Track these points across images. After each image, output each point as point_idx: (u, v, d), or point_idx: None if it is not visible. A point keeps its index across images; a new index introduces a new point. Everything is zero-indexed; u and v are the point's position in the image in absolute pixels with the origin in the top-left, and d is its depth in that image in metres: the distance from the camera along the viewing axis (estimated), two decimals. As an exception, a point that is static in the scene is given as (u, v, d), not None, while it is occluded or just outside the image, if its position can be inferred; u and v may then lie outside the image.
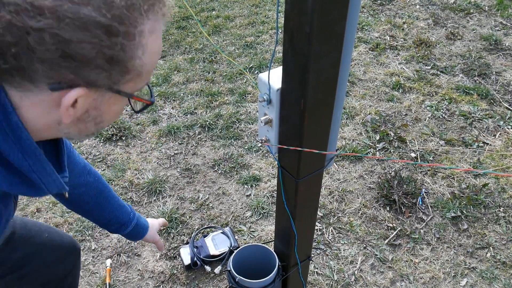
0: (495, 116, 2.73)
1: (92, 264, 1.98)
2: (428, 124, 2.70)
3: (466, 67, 3.17)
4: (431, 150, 2.50)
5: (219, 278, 1.91)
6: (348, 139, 2.60)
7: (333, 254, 1.99)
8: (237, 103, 2.92)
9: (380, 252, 1.98)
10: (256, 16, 4.04)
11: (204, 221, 2.15)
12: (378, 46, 3.45)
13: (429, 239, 2.04)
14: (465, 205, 2.16)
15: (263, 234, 2.08)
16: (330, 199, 2.24)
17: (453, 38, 3.52)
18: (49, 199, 2.28)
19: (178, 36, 3.75)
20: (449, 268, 1.91)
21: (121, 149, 2.60)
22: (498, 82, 3.02)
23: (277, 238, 1.21)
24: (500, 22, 3.71)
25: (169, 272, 1.93)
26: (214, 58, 3.45)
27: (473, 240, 2.02)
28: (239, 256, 1.25)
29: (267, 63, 3.30)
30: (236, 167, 2.44)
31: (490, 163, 2.41)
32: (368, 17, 3.88)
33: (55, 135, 0.65)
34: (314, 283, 1.87)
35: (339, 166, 2.44)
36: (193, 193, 2.31)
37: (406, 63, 3.26)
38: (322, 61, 0.76)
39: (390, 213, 2.16)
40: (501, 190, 2.24)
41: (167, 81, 3.18)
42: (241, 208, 2.21)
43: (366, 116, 2.77)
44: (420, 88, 2.99)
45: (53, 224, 2.15)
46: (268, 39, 3.65)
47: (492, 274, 1.88)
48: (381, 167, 2.41)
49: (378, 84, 3.06)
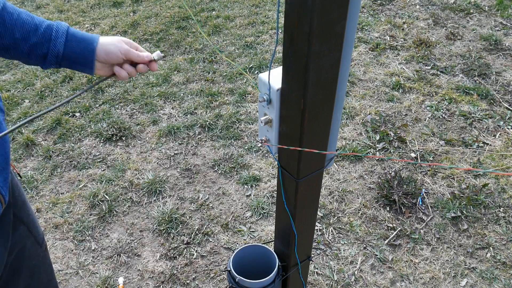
0: (495, 116, 2.72)
1: (92, 264, 1.98)
2: (428, 124, 2.70)
3: (466, 67, 3.17)
4: (431, 150, 2.50)
5: (219, 278, 1.91)
6: (348, 139, 2.60)
7: (333, 254, 1.99)
8: (237, 103, 2.92)
9: (380, 252, 1.98)
10: (256, 16, 4.04)
11: (204, 221, 2.15)
12: (378, 46, 3.45)
13: (429, 239, 2.04)
14: (465, 205, 2.16)
15: (263, 234, 2.08)
16: (330, 199, 2.24)
17: (453, 38, 3.52)
18: (49, 199, 2.29)
19: (178, 36, 3.75)
20: (449, 268, 1.91)
21: (121, 149, 2.60)
22: (498, 82, 3.02)
23: (277, 238, 1.21)
24: (500, 22, 3.71)
25: (169, 272, 1.93)
26: (214, 58, 3.44)
27: (473, 240, 2.02)
28: (239, 256, 1.25)
29: (267, 63, 3.30)
30: (236, 167, 2.44)
31: (490, 163, 2.41)
32: (368, 17, 3.88)
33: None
34: (314, 283, 1.87)
35: (339, 166, 2.44)
36: (193, 193, 2.31)
37: (406, 63, 3.26)
38: (322, 61, 0.76)
39: (390, 213, 2.16)
40: (501, 190, 2.24)
41: (167, 81, 3.18)
42: (241, 208, 2.21)
43: (366, 116, 2.77)
44: (420, 88, 2.99)
45: (53, 224, 2.15)
46: (268, 39, 3.65)
47: (492, 274, 1.88)
48: (381, 167, 2.41)
49: (378, 84, 3.06)
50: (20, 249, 0.92)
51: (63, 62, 0.88)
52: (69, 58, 0.88)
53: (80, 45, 0.88)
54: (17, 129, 2.77)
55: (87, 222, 2.16)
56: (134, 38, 3.77)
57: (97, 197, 2.28)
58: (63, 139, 2.70)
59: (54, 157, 2.57)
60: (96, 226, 2.14)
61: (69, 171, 2.47)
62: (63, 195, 2.32)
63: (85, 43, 0.88)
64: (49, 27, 0.86)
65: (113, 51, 0.89)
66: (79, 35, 0.88)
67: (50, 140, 2.70)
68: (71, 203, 2.27)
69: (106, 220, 2.17)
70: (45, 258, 1.06)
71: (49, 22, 0.87)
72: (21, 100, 3.05)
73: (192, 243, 2.05)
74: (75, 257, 2.01)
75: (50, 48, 0.85)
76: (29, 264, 0.98)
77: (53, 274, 1.12)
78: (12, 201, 0.87)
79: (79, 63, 0.89)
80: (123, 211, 2.22)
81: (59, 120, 2.83)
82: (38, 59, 0.87)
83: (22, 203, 0.92)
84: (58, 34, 0.86)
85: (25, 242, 0.94)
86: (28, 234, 0.95)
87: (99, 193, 2.30)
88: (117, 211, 2.21)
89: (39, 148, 2.63)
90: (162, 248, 2.03)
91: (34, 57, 0.86)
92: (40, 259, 1.02)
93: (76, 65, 0.89)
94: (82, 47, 0.88)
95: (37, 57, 0.86)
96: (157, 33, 3.83)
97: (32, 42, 0.84)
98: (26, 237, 0.94)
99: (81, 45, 0.88)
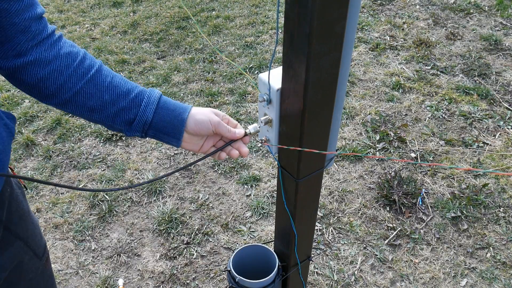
0: (495, 116, 2.72)
1: (92, 264, 1.98)
2: (428, 124, 2.70)
3: (466, 67, 3.17)
4: (431, 150, 2.50)
5: (219, 278, 1.91)
6: (348, 139, 2.60)
7: (333, 254, 1.99)
8: (237, 103, 2.92)
9: (380, 252, 1.98)
10: (256, 16, 4.04)
11: (204, 221, 2.15)
12: (378, 46, 3.45)
13: (429, 239, 2.03)
14: (465, 205, 2.16)
15: (263, 234, 2.07)
16: (330, 199, 2.24)
17: (453, 38, 3.52)
18: (49, 199, 2.29)
19: (178, 36, 3.75)
20: (449, 268, 1.91)
21: (121, 149, 2.60)
22: (498, 82, 3.02)
23: (277, 238, 1.21)
24: (500, 22, 3.71)
25: (169, 272, 1.93)
26: (214, 58, 3.44)
27: (473, 240, 2.02)
28: (239, 256, 1.25)
29: (267, 63, 3.30)
30: (236, 167, 2.44)
31: (490, 163, 2.41)
32: (368, 17, 3.88)
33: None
34: (314, 283, 1.87)
35: (339, 166, 2.44)
36: (193, 193, 2.31)
37: (406, 63, 3.26)
38: (322, 61, 0.75)
39: (390, 213, 2.16)
40: (501, 190, 2.24)
41: (167, 81, 3.18)
42: (241, 208, 2.21)
43: (366, 116, 2.77)
44: (420, 88, 2.99)
45: (53, 224, 2.15)
46: (268, 39, 3.65)
47: (492, 274, 1.88)
48: (381, 167, 2.41)
49: (378, 84, 3.06)
50: (16, 264, 0.90)
51: (149, 130, 0.83)
52: (157, 126, 0.83)
53: (171, 113, 0.83)
54: (17, 131, 2.77)
55: (87, 222, 2.16)
56: (134, 38, 3.78)
57: (97, 197, 2.28)
58: (63, 139, 2.70)
59: (54, 157, 2.57)
60: (96, 226, 2.14)
61: (69, 171, 2.47)
62: (63, 195, 2.32)
63: (176, 112, 0.83)
64: (141, 93, 0.82)
65: (203, 121, 0.84)
66: (171, 103, 0.84)
67: (50, 140, 2.70)
68: (71, 203, 2.27)
69: (106, 220, 2.17)
70: (45, 270, 1.04)
71: (142, 88, 0.84)
72: (21, 100, 3.05)
73: (192, 243, 2.05)
74: (75, 257, 2.01)
75: (138, 114, 0.81)
76: (27, 277, 0.96)
77: (54, 285, 1.11)
78: (6, 217, 0.85)
79: (166, 133, 0.84)
80: (123, 211, 2.22)
81: (59, 120, 2.83)
82: (123, 124, 0.82)
83: (19, 218, 0.90)
84: (150, 100, 0.82)
85: (23, 257, 0.92)
86: (26, 249, 0.93)
87: (99, 193, 2.29)
88: (117, 211, 2.21)
89: (39, 148, 2.63)
90: (162, 248, 2.03)
91: (119, 121, 0.82)
92: (39, 273, 0.99)
93: (162, 135, 0.84)
94: (172, 116, 0.83)
95: (123, 122, 0.82)
96: (157, 33, 3.83)
97: (120, 106, 0.81)
98: (23, 253, 0.92)
99: (172, 113, 0.83)
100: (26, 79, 0.77)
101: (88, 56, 0.82)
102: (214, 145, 0.90)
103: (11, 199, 0.86)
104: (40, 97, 0.80)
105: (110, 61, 3.44)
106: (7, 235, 0.86)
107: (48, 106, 2.94)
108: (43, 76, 0.77)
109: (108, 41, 3.75)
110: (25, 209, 0.93)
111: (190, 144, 0.87)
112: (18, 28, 0.72)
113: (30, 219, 0.95)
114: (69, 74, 0.78)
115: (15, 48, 0.73)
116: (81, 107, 0.81)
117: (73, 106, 0.81)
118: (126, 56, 3.50)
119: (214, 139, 0.90)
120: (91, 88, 0.80)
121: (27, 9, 0.73)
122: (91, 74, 0.80)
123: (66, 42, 0.81)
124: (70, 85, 0.78)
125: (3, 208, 0.83)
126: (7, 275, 0.88)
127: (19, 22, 0.72)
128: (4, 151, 0.75)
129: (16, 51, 0.74)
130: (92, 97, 0.80)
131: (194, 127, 0.84)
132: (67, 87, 0.78)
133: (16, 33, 0.72)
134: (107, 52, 3.57)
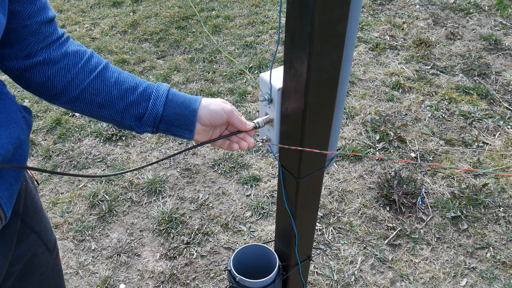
0: (495, 116, 2.73)
1: (92, 264, 1.98)
2: (428, 124, 2.70)
3: (466, 67, 3.17)
4: (431, 150, 2.50)
5: (219, 278, 1.91)
6: (348, 139, 2.60)
7: (333, 254, 1.99)
8: (237, 103, 2.92)
9: (380, 252, 1.98)
10: (256, 16, 4.03)
11: (204, 221, 2.15)
12: (378, 46, 3.45)
13: (429, 239, 2.04)
14: (465, 205, 2.16)
15: (263, 234, 2.08)
16: (330, 199, 2.24)
17: (453, 38, 3.52)
18: (49, 199, 2.29)
19: (178, 36, 3.75)
20: (449, 268, 1.92)
21: (121, 149, 2.60)
22: (498, 82, 3.02)
23: (278, 238, 1.21)
24: (500, 22, 3.71)
25: (169, 272, 1.93)
26: (214, 58, 3.44)
27: (473, 240, 2.02)
28: (239, 256, 1.25)
29: (266, 63, 3.30)
30: (236, 167, 2.44)
31: (490, 163, 2.41)
32: (368, 17, 3.88)
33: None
34: (314, 283, 1.87)
35: (339, 166, 2.44)
36: (193, 193, 2.31)
37: (406, 63, 3.26)
38: (323, 61, 0.76)
39: (390, 213, 2.16)
40: (501, 190, 2.24)
41: (167, 81, 3.18)
42: (241, 208, 2.21)
43: (366, 116, 2.77)
44: (420, 88, 2.99)
45: (53, 224, 2.15)
46: (268, 39, 3.65)
47: (492, 274, 1.88)
48: (381, 167, 2.41)
49: (378, 84, 3.06)
50: (30, 257, 0.92)
51: (160, 124, 0.83)
52: (168, 119, 0.82)
53: (182, 105, 0.82)
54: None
55: (87, 222, 2.16)
56: (134, 38, 3.77)
57: (97, 197, 2.28)
58: (63, 139, 2.70)
59: (54, 157, 2.57)
60: (96, 226, 2.14)
61: (69, 171, 2.47)
62: (63, 195, 2.32)
63: (186, 103, 0.82)
64: (149, 87, 0.82)
65: (217, 111, 0.83)
66: (181, 95, 0.84)
67: (50, 140, 2.70)
68: (71, 203, 2.26)
69: (106, 220, 2.17)
70: (55, 265, 1.06)
71: (150, 82, 0.84)
72: (21, 100, 3.05)
73: (192, 243, 2.05)
74: (75, 257, 2.01)
75: (148, 108, 0.80)
76: (38, 271, 0.97)
77: (62, 280, 1.12)
78: (23, 210, 0.86)
79: (178, 125, 0.83)
80: (123, 211, 2.22)
81: (59, 120, 2.83)
82: (133, 119, 0.82)
83: (34, 212, 0.91)
84: (159, 93, 0.81)
85: (36, 250, 0.93)
86: (39, 243, 0.94)
87: (99, 193, 2.29)
88: (117, 211, 2.21)
89: (39, 148, 2.63)
90: (162, 248, 2.03)
91: (129, 116, 0.81)
92: (49, 267, 1.01)
93: (174, 128, 0.83)
94: (183, 107, 0.82)
95: (132, 117, 0.81)
96: (157, 33, 3.83)
97: (129, 101, 0.80)
98: (37, 246, 0.93)
99: (183, 105, 0.82)
100: (34, 78, 0.77)
101: (95, 55, 0.83)
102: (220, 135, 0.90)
103: (26, 192, 0.88)
104: (48, 97, 0.81)
105: (110, 61, 3.44)
106: (23, 228, 0.87)
107: (50, 105, 2.94)
108: (51, 74, 0.77)
109: (108, 41, 3.75)
110: (38, 203, 0.94)
111: (202, 135, 0.86)
112: (29, 30, 0.73)
113: (43, 213, 0.97)
114: (76, 72, 0.79)
115: (25, 49, 0.74)
116: (89, 104, 0.81)
117: (81, 103, 0.81)
118: (126, 56, 3.50)
119: (221, 129, 0.89)
120: (99, 84, 0.80)
121: (39, 13, 0.74)
122: (98, 71, 0.81)
123: (73, 42, 0.82)
124: (78, 82, 0.79)
125: (20, 200, 0.84)
126: (21, 268, 0.89)
127: (31, 25, 0.73)
128: (25, 142, 0.76)
129: (26, 52, 0.75)
130: (100, 93, 0.80)
131: (208, 117, 0.83)
132: (75, 84, 0.79)
133: (27, 35, 0.73)
134: (107, 52, 3.57)
